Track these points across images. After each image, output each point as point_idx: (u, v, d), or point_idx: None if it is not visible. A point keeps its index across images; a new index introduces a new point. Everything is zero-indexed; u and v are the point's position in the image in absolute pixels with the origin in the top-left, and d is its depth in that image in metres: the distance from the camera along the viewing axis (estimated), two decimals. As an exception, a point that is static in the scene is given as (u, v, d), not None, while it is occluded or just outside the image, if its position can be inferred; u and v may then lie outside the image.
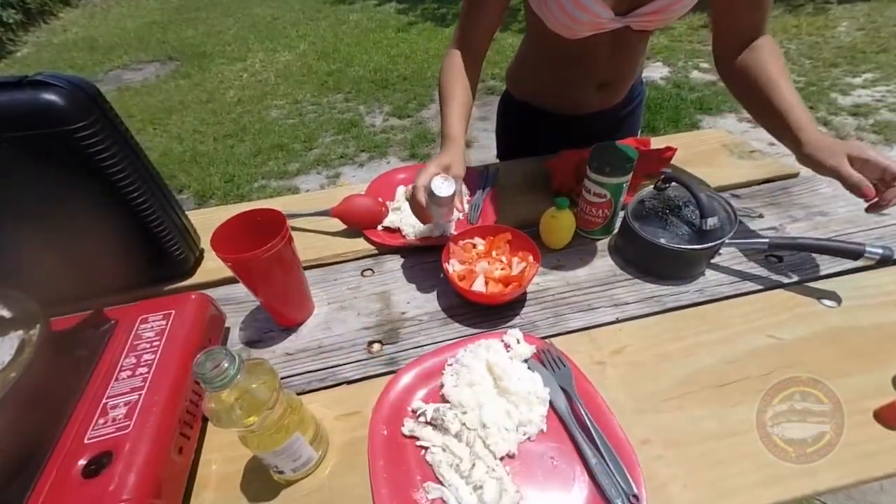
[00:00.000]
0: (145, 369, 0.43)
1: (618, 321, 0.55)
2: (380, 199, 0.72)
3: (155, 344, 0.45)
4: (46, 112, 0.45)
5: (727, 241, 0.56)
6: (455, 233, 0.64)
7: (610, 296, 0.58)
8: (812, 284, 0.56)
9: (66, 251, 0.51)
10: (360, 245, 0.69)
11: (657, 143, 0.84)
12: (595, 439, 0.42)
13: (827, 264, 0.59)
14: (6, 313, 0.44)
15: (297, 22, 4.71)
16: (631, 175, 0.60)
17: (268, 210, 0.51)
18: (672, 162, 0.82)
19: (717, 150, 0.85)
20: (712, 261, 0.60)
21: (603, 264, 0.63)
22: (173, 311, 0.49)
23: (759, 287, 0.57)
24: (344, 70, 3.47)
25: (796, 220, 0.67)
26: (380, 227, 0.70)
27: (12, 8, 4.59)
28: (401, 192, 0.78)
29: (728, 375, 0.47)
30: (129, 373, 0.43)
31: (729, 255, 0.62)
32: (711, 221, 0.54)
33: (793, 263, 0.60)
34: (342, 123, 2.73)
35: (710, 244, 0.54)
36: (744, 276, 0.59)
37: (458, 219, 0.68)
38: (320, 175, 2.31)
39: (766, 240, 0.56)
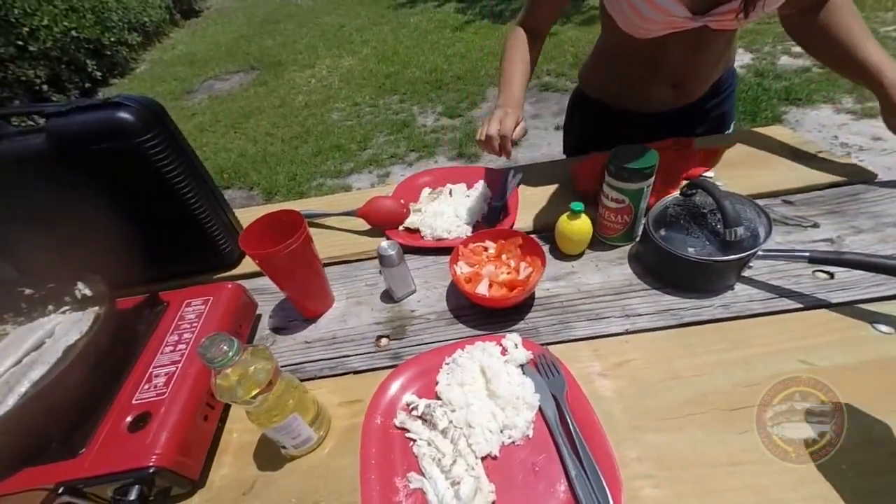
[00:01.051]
0: (184, 346, 0.50)
1: (626, 333, 0.53)
2: (402, 201, 0.76)
3: (194, 324, 0.53)
4: (120, 127, 0.54)
5: (760, 252, 0.51)
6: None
7: (622, 306, 0.56)
8: (865, 306, 0.49)
9: (135, 243, 0.61)
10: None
11: (710, 142, 0.78)
12: (579, 451, 0.41)
13: (891, 284, 0.51)
14: (88, 292, 0.54)
15: (361, 28, 4.96)
16: (652, 180, 0.57)
17: (290, 212, 0.56)
18: (720, 163, 0.76)
19: (773, 150, 0.76)
20: (744, 274, 0.55)
21: (619, 273, 0.60)
22: (211, 298, 0.56)
23: (798, 305, 0.51)
24: (401, 72, 3.59)
25: (860, 231, 0.58)
26: (401, 228, 0.74)
27: (135, 31, 5.39)
28: (425, 193, 0.81)
29: (741, 400, 0.44)
30: (172, 348, 0.50)
31: (766, 269, 0.56)
32: (737, 231, 0.50)
33: (846, 281, 0.52)
34: (395, 124, 2.84)
35: (734, 256, 0.50)
36: (781, 293, 0.53)
37: (413, 290, 0.64)
38: (371, 174, 2.43)
39: (807, 253, 0.50)
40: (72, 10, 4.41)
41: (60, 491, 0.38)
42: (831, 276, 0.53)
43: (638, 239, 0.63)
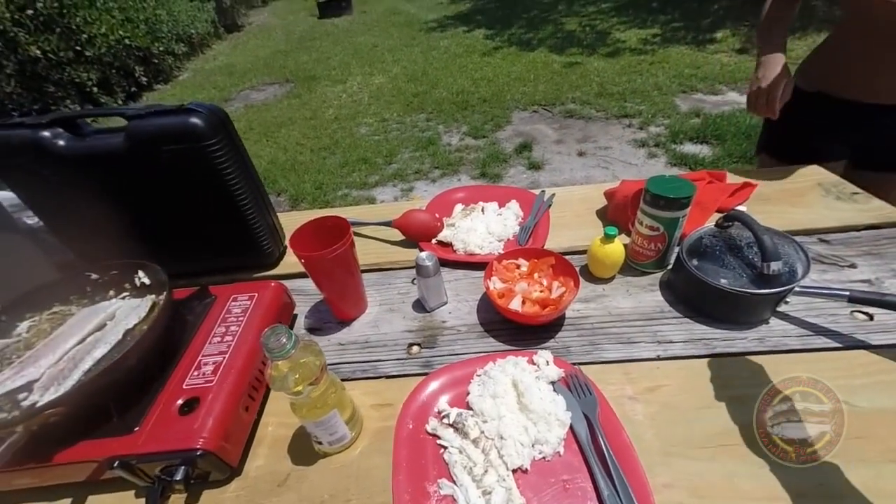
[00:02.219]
0: (230, 338, 0.53)
1: (658, 359, 0.53)
2: (437, 215, 0.78)
3: (240, 318, 0.56)
4: (192, 131, 0.59)
5: (797, 288, 0.51)
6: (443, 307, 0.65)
7: (653, 332, 0.56)
8: (907, 350, 0.49)
9: (189, 238, 0.65)
10: (415, 255, 0.75)
11: (743, 176, 0.79)
12: (611, 472, 0.41)
13: (933, 329, 0.50)
14: (147, 280, 0.58)
15: (393, 48, 5.16)
16: (688, 210, 0.58)
17: (337, 218, 0.60)
18: (753, 198, 0.76)
19: (809, 189, 0.77)
20: (779, 309, 0.55)
21: (650, 299, 0.61)
22: (256, 294, 0.59)
23: (837, 345, 0.51)
24: (429, 92, 3.70)
25: (900, 274, 0.58)
26: (434, 241, 0.76)
27: (182, 42, 5.74)
28: (458, 209, 0.83)
29: (777, 434, 0.43)
30: (219, 339, 0.53)
31: (803, 306, 0.56)
32: (775, 266, 0.50)
33: (887, 323, 0.52)
34: (421, 141, 2.91)
35: (771, 290, 0.50)
36: (818, 331, 0.53)
37: (445, 302, 0.66)
38: (395, 188, 2.49)
39: (847, 293, 0.50)
40: (127, 20, 4.73)
41: (115, 465, 0.40)
42: (871, 317, 0.53)
43: (670, 267, 0.64)
